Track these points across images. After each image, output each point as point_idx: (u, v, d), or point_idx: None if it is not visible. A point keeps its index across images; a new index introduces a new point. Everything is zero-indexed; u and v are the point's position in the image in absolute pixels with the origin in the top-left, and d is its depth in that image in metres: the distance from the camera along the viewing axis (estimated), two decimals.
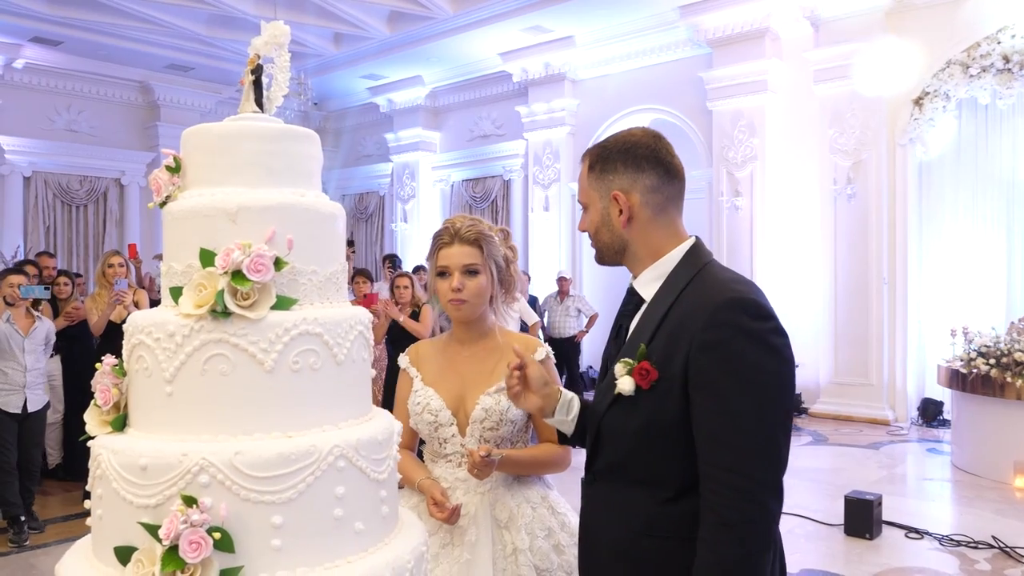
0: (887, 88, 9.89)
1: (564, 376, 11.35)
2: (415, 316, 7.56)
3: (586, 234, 1.95)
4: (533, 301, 10.91)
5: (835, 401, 10.16)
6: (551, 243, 13.42)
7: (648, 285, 1.85)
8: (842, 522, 5.89)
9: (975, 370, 7.27)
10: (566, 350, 10.72)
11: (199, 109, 15.13)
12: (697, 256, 1.84)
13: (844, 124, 10.17)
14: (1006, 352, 7.13)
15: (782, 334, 1.69)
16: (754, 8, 10.73)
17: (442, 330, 5.24)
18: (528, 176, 13.91)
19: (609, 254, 1.91)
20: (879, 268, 10.06)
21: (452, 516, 2.31)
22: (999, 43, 9.23)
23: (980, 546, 5.56)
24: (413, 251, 14.88)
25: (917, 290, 10.20)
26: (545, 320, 11.14)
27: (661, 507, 1.73)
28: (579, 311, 10.94)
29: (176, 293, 1.61)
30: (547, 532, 2.41)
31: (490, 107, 14.78)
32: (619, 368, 1.75)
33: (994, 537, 5.63)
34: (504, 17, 12.07)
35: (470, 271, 2.45)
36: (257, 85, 1.76)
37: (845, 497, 5.91)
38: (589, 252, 11.14)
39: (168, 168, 1.69)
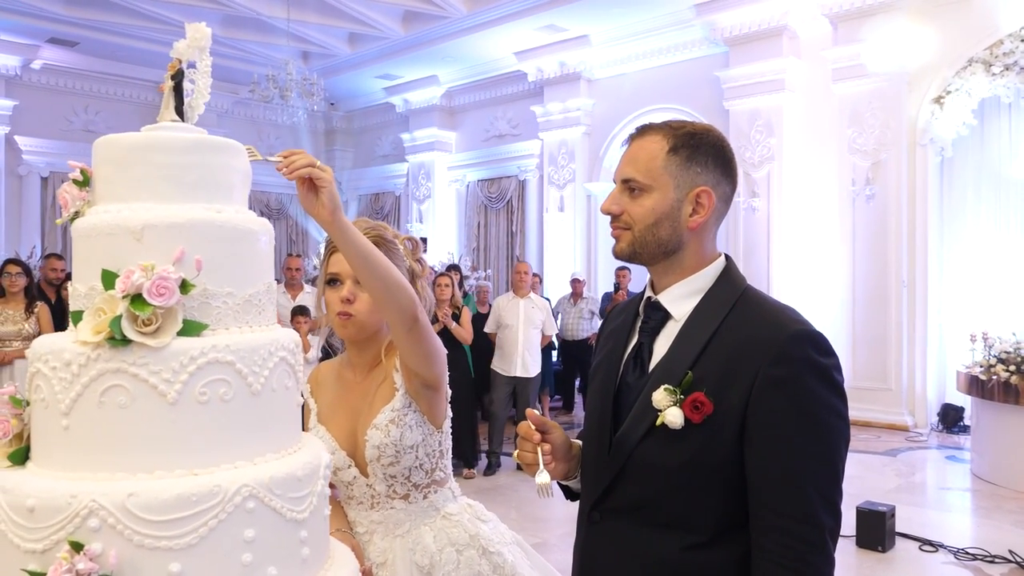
0: (907, 87, 9.69)
1: (578, 379, 11.25)
2: (455, 319, 7.49)
3: (608, 218, 1.68)
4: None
5: (853, 406, 9.62)
6: (566, 244, 13.29)
7: (680, 301, 1.65)
8: (854, 534, 5.72)
9: (995, 377, 7.06)
10: (579, 353, 10.59)
11: (215, 109, 15.14)
12: (735, 276, 1.67)
13: (863, 124, 9.96)
14: None
15: (840, 370, 1.57)
16: (771, 6, 10.54)
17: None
18: (543, 176, 13.79)
19: (654, 252, 1.64)
20: (898, 270, 9.84)
21: None
22: (1023, 41, 8.99)
23: (996, 560, 5.37)
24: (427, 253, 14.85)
25: (937, 293, 9.98)
26: (558, 322, 11.02)
27: (690, 553, 1.55)
28: (592, 313, 10.80)
29: (77, 318, 1.50)
30: None
31: (505, 107, 14.69)
32: (661, 396, 1.54)
33: (1011, 551, 5.44)
34: (518, 16, 11.97)
35: None
36: (178, 91, 1.64)
37: (857, 508, 5.73)
38: (604, 253, 10.99)
39: (75, 182, 1.57)
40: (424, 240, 10.74)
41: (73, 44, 13.40)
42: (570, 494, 1.85)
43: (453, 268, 10.79)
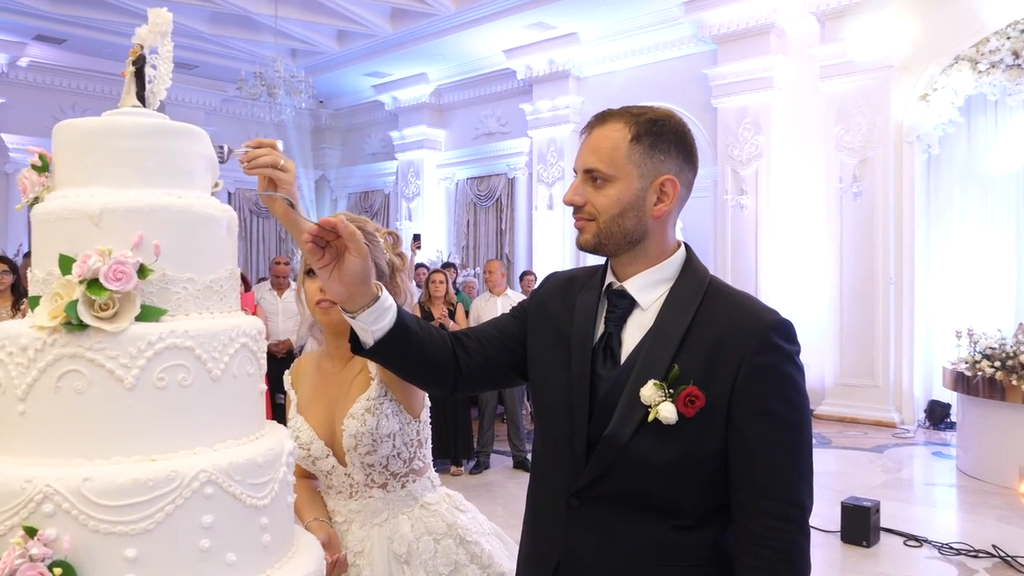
0: (894, 84, 9.71)
1: None
2: (451, 315, 7.49)
3: (571, 208, 1.65)
4: None
5: (840, 403, 9.98)
6: (555, 242, 13.30)
7: (647, 290, 1.64)
8: (839, 529, 5.73)
9: (980, 373, 7.08)
10: None
11: (204, 107, 15.10)
12: (697, 266, 1.68)
13: (850, 121, 9.99)
14: (1011, 355, 6.94)
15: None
16: (759, 3, 10.57)
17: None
18: (532, 174, 13.80)
19: (619, 243, 1.62)
20: (885, 267, 9.87)
21: (334, 568, 2.04)
22: (1008, 38, 9.03)
23: (980, 555, 5.40)
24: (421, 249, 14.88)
25: (924, 290, 10.02)
26: None
27: (676, 534, 1.57)
28: None
29: (35, 303, 1.48)
30: (452, 567, 2.17)
31: (495, 105, 14.69)
32: (651, 392, 1.53)
33: (994, 546, 5.46)
34: (507, 14, 11.97)
35: None
36: (139, 77, 1.63)
37: (842, 504, 5.76)
38: None
39: (34, 167, 1.56)
40: (418, 236, 10.74)
41: (60, 41, 13.35)
42: (356, 342, 1.65)
43: (448, 266, 10.83)
